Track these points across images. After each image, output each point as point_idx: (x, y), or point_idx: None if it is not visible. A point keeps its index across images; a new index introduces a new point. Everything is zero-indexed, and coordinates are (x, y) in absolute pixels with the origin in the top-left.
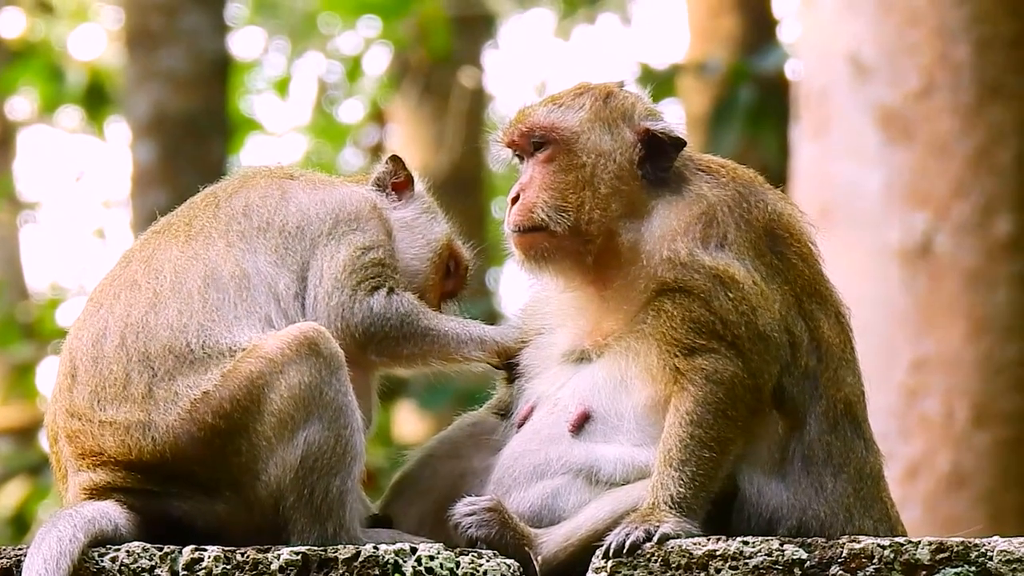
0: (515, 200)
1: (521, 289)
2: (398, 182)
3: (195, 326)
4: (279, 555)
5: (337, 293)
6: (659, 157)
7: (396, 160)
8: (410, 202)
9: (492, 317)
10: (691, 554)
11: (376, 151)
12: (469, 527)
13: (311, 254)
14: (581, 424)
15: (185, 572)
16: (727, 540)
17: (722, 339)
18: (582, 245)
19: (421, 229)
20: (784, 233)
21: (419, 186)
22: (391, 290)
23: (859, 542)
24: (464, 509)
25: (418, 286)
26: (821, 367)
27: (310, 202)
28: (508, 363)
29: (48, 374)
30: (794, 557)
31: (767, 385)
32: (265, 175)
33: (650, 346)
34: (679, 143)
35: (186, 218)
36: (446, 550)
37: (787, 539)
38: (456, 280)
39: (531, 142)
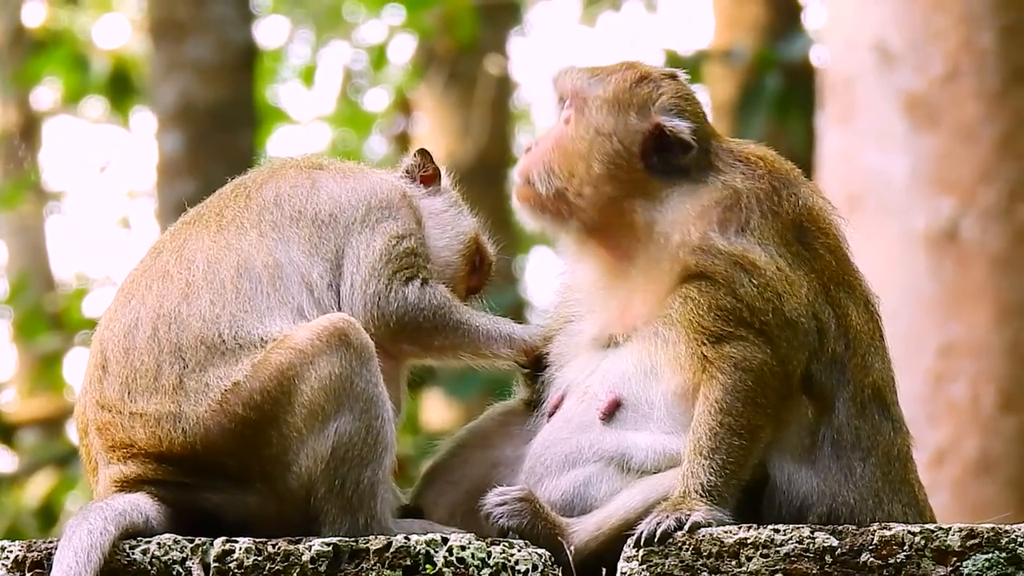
0: (529, 149)
1: (548, 277)
2: (426, 175)
3: (227, 316)
4: (310, 546)
5: (373, 282)
6: (669, 152)
7: (424, 153)
8: (438, 195)
9: (518, 305)
10: (722, 542)
11: (401, 140)
12: (500, 517)
13: (345, 242)
14: (612, 412)
15: (216, 564)
16: (758, 528)
17: (750, 326)
18: (567, 212)
19: (450, 221)
20: (812, 227)
21: (445, 180)
22: (425, 281)
23: (890, 529)
24: (495, 499)
25: (447, 278)
26: (849, 353)
27: (341, 190)
28: (533, 363)
29: (75, 365)
30: (825, 545)
31: (796, 372)
32: (294, 165)
33: (678, 333)
34: (687, 146)
35: (216, 208)
36: (477, 540)
37: (818, 527)
38: (480, 276)
39: (559, 98)
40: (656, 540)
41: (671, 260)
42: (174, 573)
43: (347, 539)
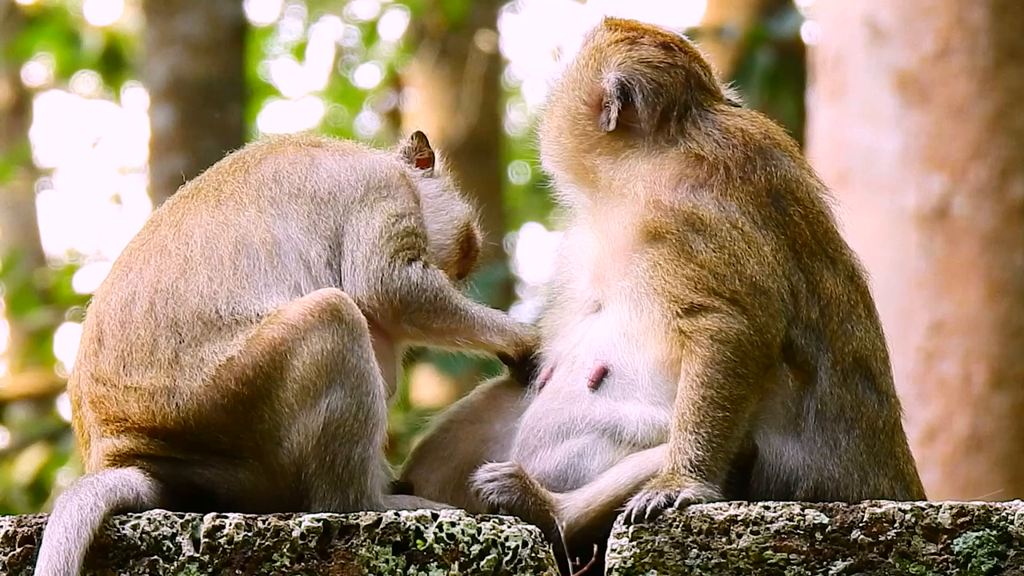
0: None
1: (538, 253)
2: (421, 158)
3: (224, 292)
4: (300, 522)
5: (375, 258)
6: (624, 110)
7: (420, 136)
8: (433, 178)
9: (509, 282)
10: (712, 519)
11: (393, 116)
12: (490, 493)
13: (344, 220)
14: (599, 379)
15: (206, 539)
16: (748, 505)
17: (720, 296)
18: (547, 160)
19: (444, 206)
20: (789, 196)
21: (439, 165)
22: (426, 264)
23: (880, 506)
24: (485, 475)
25: (440, 261)
26: (825, 320)
27: (340, 168)
28: (521, 359)
29: (66, 340)
30: (815, 522)
31: (776, 340)
32: (292, 143)
33: (652, 300)
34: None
35: (215, 183)
36: (467, 516)
37: (808, 504)
38: (468, 262)
39: None
40: (646, 517)
41: (631, 215)
42: (164, 548)
43: (337, 515)
